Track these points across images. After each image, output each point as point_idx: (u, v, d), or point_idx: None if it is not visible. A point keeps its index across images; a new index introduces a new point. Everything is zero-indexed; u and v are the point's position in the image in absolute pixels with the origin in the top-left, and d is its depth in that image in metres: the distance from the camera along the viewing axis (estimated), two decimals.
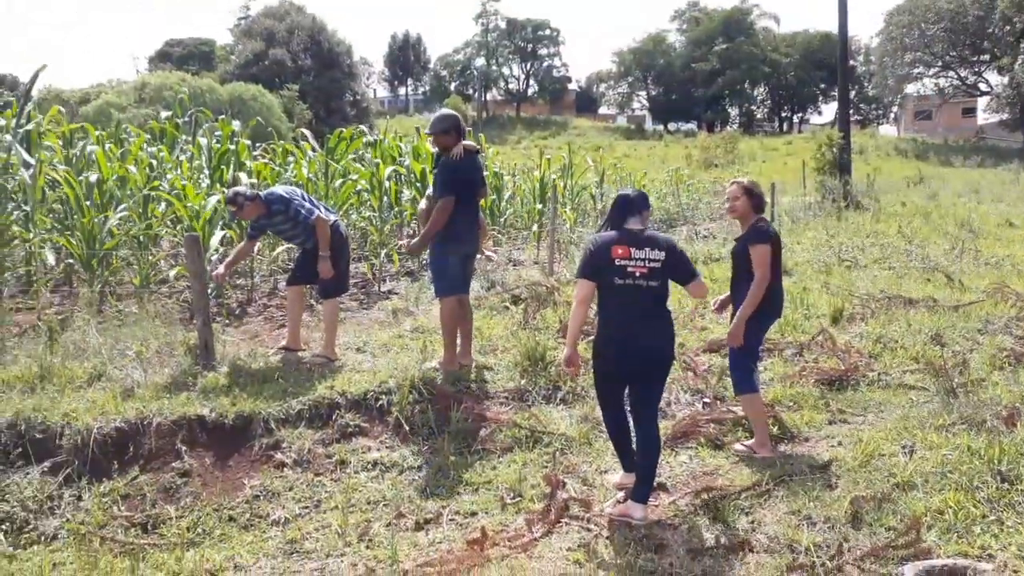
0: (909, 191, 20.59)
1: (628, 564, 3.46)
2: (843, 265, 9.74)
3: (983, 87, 46.70)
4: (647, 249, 3.91)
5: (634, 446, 4.15)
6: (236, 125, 9.75)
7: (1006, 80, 42.15)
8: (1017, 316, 7.31)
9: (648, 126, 59.81)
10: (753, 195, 4.67)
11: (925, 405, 5.09)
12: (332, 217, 6.07)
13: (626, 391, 4.19)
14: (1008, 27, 41.36)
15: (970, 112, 53.53)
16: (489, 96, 65.44)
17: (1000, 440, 4.21)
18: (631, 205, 4.04)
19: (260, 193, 5.96)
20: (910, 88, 49.47)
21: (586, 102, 69.42)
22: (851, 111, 34.59)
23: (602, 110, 69.75)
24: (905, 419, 4.84)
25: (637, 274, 3.89)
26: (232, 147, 9.18)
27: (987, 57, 44.64)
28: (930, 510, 3.70)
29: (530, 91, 65.48)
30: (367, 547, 3.93)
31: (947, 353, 6.15)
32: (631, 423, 4.20)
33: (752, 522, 3.84)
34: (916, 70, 46.87)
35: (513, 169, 15.27)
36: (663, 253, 3.93)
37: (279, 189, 6.14)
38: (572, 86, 68.88)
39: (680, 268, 4.02)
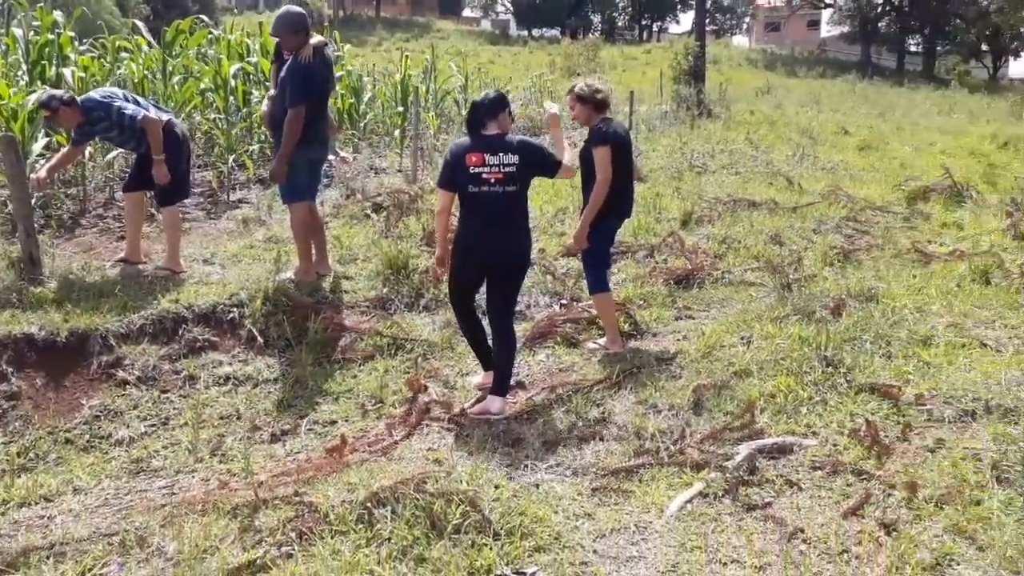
0: (757, 100, 21.48)
1: (486, 458, 3.55)
2: (694, 171, 10.11)
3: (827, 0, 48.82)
4: (501, 154, 3.93)
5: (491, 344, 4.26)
6: (58, 15, 8.72)
7: None
8: (847, 216, 7.90)
9: (512, 31, 58.68)
10: (585, 100, 4.71)
11: (763, 299, 5.44)
12: (165, 116, 5.59)
13: (478, 295, 4.28)
14: None
15: (815, 25, 56.01)
16: None
17: (827, 329, 4.57)
18: (485, 110, 4.04)
19: (78, 97, 5.39)
20: None
21: (449, 3, 67.05)
22: (707, 21, 35.35)
23: (466, 12, 67.76)
24: (745, 313, 5.16)
25: (492, 180, 3.92)
26: (53, 39, 8.23)
27: None
28: (764, 394, 3.99)
29: None
30: (220, 461, 3.82)
31: (784, 251, 6.58)
32: (485, 324, 4.30)
33: (603, 413, 4.02)
34: None
35: (372, 71, 14.64)
36: (516, 156, 3.95)
37: (96, 93, 5.56)
38: None
39: (541, 163, 4.08)
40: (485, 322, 4.33)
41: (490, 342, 4.28)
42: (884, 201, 8.75)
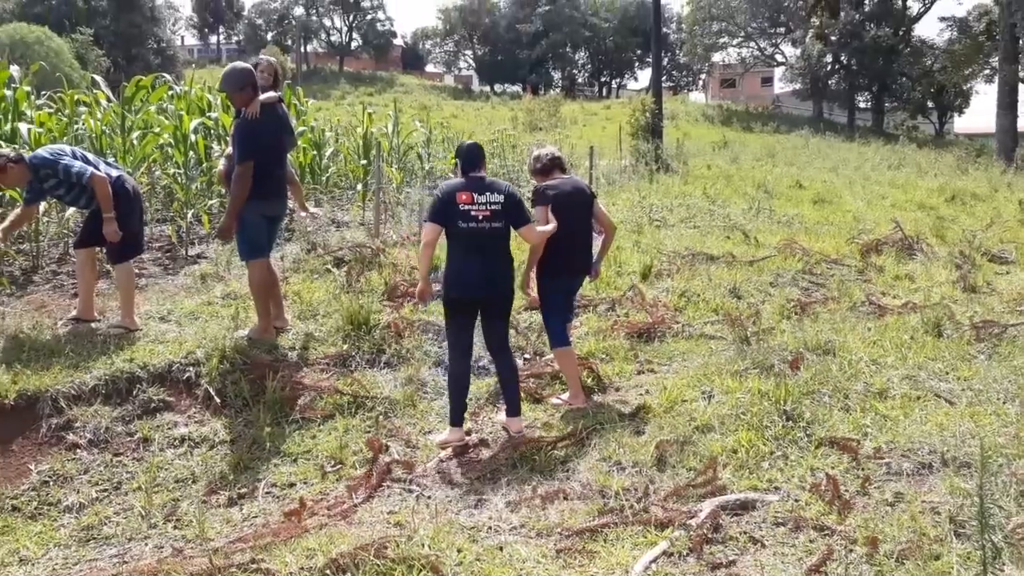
0: (714, 155, 22.00)
1: (448, 521, 3.49)
2: (653, 224, 10.28)
3: (780, 58, 50.63)
4: (488, 193, 4.36)
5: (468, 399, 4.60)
6: (14, 70, 8.67)
7: (799, 52, 45.93)
8: (803, 269, 8.06)
9: (475, 87, 59.75)
10: (533, 172, 5.14)
11: (723, 353, 5.49)
12: (115, 172, 5.54)
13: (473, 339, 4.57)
14: (801, 1, 44.95)
15: (768, 82, 57.93)
16: (310, 48, 62.58)
17: (786, 382, 4.62)
18: (475, 155, 4.49)
19: (26, 155, 5.34)
20: (716, 57, 52.61)
21: (412, 59, 68.14)
22: (664, 78, 36.37)
23: (429, 68, 68.81)
24: (705, 367, 5.20)
25: (480, 217, 4.32)
26: (8, 93, 8.16)
27: (783, 30, 48.39)
28: (725, 449, 4.01)
29: (353, 44, 63.21)
30: (175, 527, 3.72)
31: (742, 305, 6.68)
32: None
33: (567, 470, 4.00)
34: (722, 39, 49.84)
35: (335, 125, 14.73)
36: (502, 196, 4.38)
37: (44, 150, 5.49)
38: (398, 41, 67.25)
39: (514, 213, 4.42)
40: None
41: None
42: (838, 254, 8.95)
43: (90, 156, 5.60)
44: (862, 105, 47.05)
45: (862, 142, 29.91)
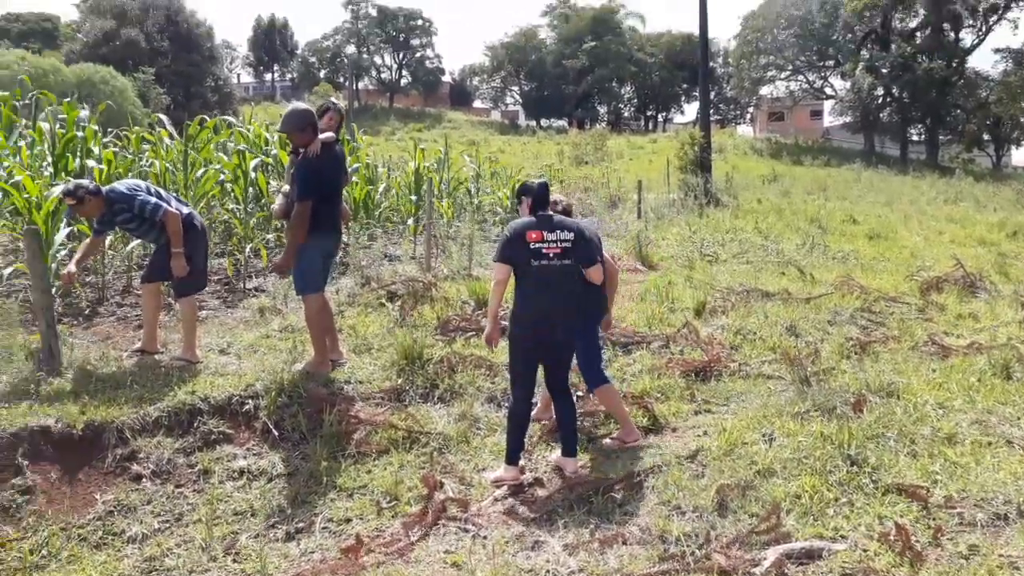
0: (764, 188, 21.78)
1: (505, 563, 3.45)
2: (705, 260, 10.18)
3: (829, 91, 50.16)
4: (558, 231, 4.33)
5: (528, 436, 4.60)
6: (84, 115, 9.03)
7: (848, 85, 45.46)
8: (861, 307, 7.88)
9: (521, 121, 60.37)
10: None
11: (782, 393, 5.37)
12: (185, 209, 5.74)
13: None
14: (850, 35, 44.65)
15: (817, 115, 57.35)
16: (361, 85, 64.09)
17: (849, 425, 4.50)
18: (544, 194, 4.44)
19: (103, 188, 5.56)
20: (764, 90, 52.38)
21: (460, 95, 69.30)
22: (711, 111, 36.28)
23: (476, 104, 69.85)
24: (764, 408, 5.08)
25: (551, 255, 4.29)
26: (79, 134, 8.50)
27: (832, 63, 48.02)
28: (789, 495, 3.90)
29: (403, 82, 64.56)
30: (234, 561, 3.74)
31: (800, 343, 6.54)
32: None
33: (625, 514, 3.93)
34: (769, 73, 49.68)
35: (387, 161, 15.00)
36: (572, 234, 4.34)
37: (121, 184, 5.73)
38: (446, 78, 68.52)
39: (582, 252, 4.38)
40: None
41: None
42: (897, 292, 8.74)
43: (162, 192, 5.81)
44: (915, 138, 46.22)
45: (916, 175, 29.37)
